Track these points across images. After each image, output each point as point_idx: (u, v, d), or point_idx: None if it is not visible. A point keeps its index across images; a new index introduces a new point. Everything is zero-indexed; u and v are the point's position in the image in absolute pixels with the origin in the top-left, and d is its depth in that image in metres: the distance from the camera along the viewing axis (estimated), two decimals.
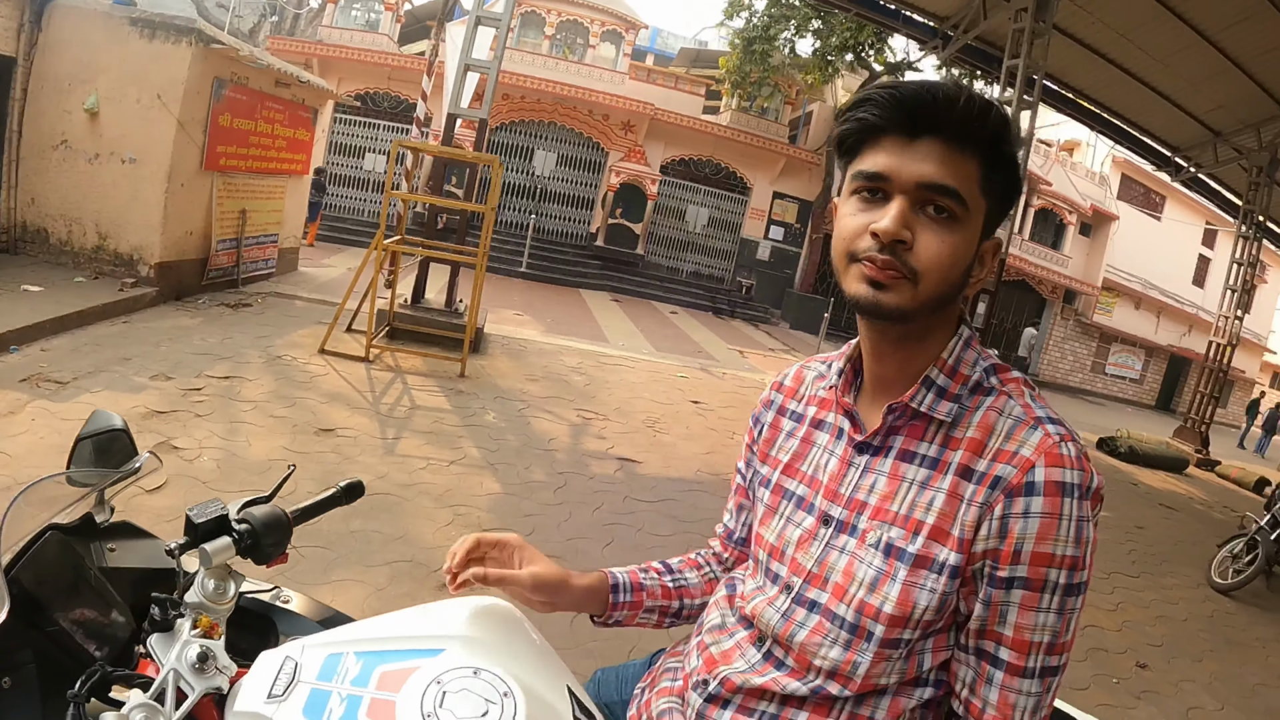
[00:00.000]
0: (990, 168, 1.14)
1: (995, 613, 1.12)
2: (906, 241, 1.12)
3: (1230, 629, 7.20)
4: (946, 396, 1.20)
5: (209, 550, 1.25)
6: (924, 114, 1.11)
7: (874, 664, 1.17)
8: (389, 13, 25.37)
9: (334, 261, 17.50)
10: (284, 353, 8.28)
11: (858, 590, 1.19)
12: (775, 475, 1.40)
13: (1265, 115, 17.37)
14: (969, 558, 1.13)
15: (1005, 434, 1.15)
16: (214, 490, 4.75)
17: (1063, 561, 1.09)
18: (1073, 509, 1.09)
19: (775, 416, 1.49)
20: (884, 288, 1.13)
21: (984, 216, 1.17)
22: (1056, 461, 1.10)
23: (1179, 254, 36.47)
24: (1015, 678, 1.12)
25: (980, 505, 1.12)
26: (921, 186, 1.11)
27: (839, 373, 1.35)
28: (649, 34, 37.56)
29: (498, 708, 1.14)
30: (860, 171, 1.16)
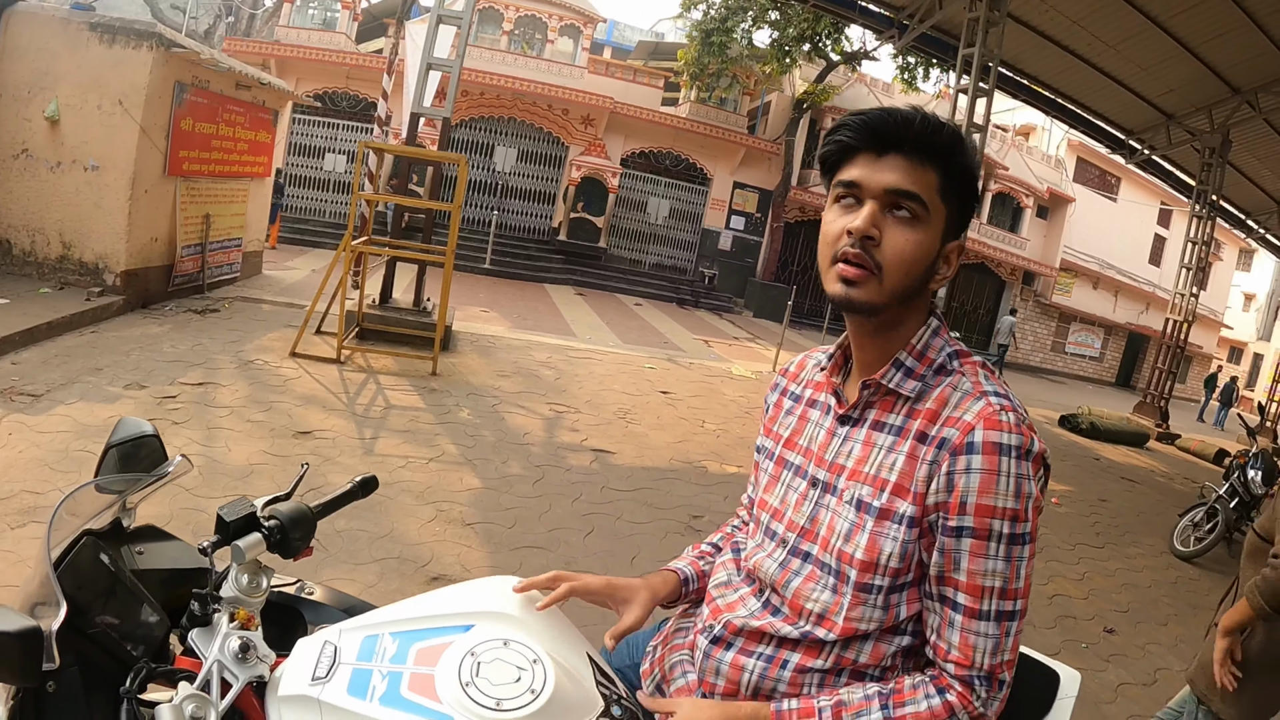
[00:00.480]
0: (947, 177, 1.36)
1: (949, 559, 1.31)
2: (875, 238, 1.33)
3: (1193, 594, 7.49)
4: (913, 376, 1.41)
5: (242, 546, 1.33)
6: (888, 134, 1.34)
7: (852, 606, 1.36)
8: (346, 11, 25.11)
9: (298, 264, 17.45)
10: (255, 357, 8.29)
11: (836, 540, 1.40)
12: (778, 449, 1.63)
13: (1216, 97, 17.70)
14: (924, 509, 1.32)
15: (954, 404, 1.35)
16: (198, 497, 4.78)
17: (1004, 513, 1.28)
18: (1011, 467, 1.27)
19: (779, 398, 1.72)
20: (854, 285, 1.35)
21: (945, 220, 1.38)
22: (995, 425, 1.29)
23: (1135, 234, 37.02)
24: (972, 620, 1.30)
25: (930, 463, 1.32)
26: (888, 192, 1.33)
27: (830, 357, 1.58)
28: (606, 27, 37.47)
29: (529, 674, 1.26)
30: (840, 181, 1.39)
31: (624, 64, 30.67)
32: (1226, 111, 17.93)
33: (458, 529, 5.20)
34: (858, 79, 28.51)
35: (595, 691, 1.34)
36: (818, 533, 1.44)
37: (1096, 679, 5.07)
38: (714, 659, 1.47)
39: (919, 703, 1.31)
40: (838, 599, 1.38)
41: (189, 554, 1.53)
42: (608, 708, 1.33)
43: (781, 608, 1.46)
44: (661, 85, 28.95)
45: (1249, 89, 17.13)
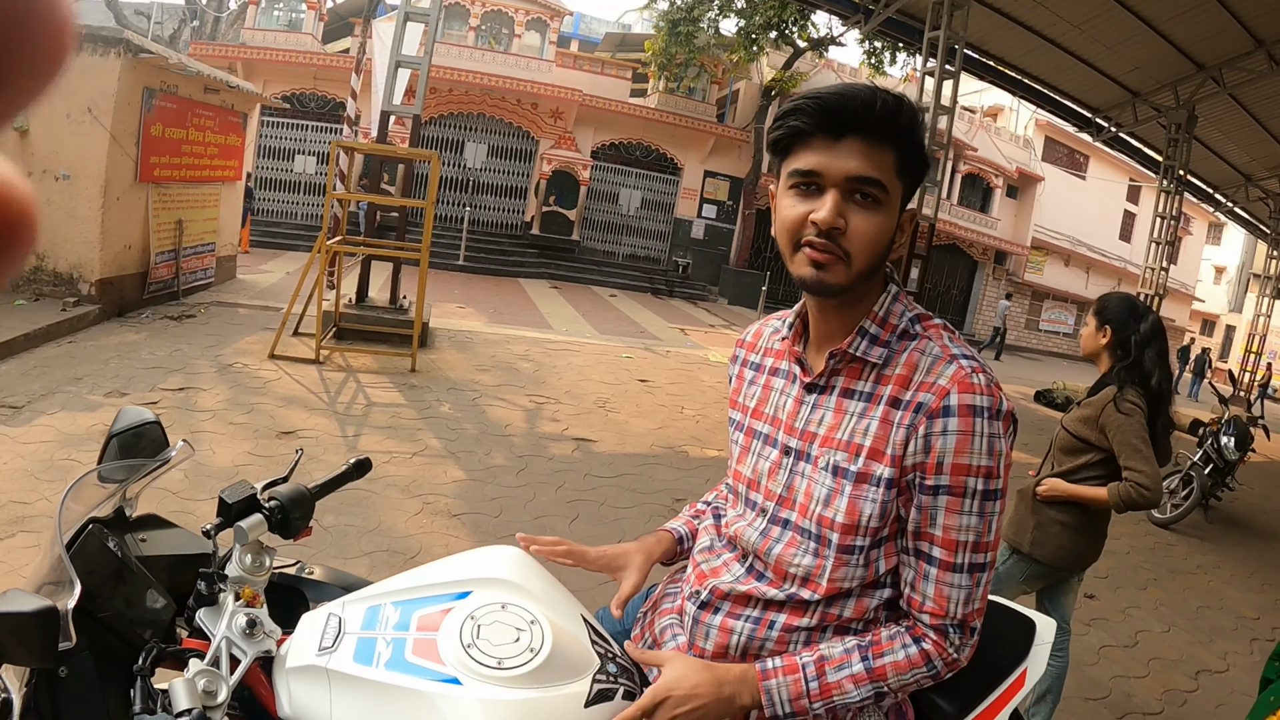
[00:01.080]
0: (904, 154, 1.36)
1: (926, 516, 1.37)
2: (841, 227, 1.34)
3: (1172, 559, 7.64)
4: (878, 343, 1.43)
5: (244, 527, 1.39)
6: (846, 118, 1.32)
7: (835, 568, 1.41)
8: (311, 11, 24.92)
9: (271, 267, 17.38)
10: (234, 360, 8.30)
11: (815, 506, 1.43)
12: (746, 419, 1.64)
13: (1181, 74, 17.81)
14: (901, 470, 1.36)
15: (926, 369, 1.37)
16: (186, 500, 4.82)
17: (978, 470, 1.33)
18: (984, 427, 1.32)
19: (740, 369, 1.74)
20: (824, 268, 1.36)
21: (901, 195, 1.39)
22: (968, 389, 1.33)
23: (1104, 211, 37.29)
24: (947, 572, 1.36)
25: (907, 427, 1.35)
26: (850, 179, 1.33)
27: (790, 326, 1.58)
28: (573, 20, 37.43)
29: (527, 634, 1.32)
30: (796, 169, 1.37)
31: (592, 56, 30.60)
32: (1192, 87, 18.06)
33: (444, 520, 5.25)
34: (825, 65, 28.50)
35: (591, 650, 1.41)
36: (795, 500, 1.47)
37: (1078, 643, 5.15)
38: (703, 623, 1.51)
39: (897, 652, 1.38)
40: (820, 562, 1.41)
41: (191, 540, 1.58)
42: (603, 665, 1.39)
43: (766, 572, 1.49)
44: (629, 77, 28.93)
45: (1213, 65, 17.26)
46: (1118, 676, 4.92)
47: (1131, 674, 5.02)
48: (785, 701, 1.39)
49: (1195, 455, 9.05)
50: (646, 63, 28.12)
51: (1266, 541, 9.33)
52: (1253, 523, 10.10)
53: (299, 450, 1.78)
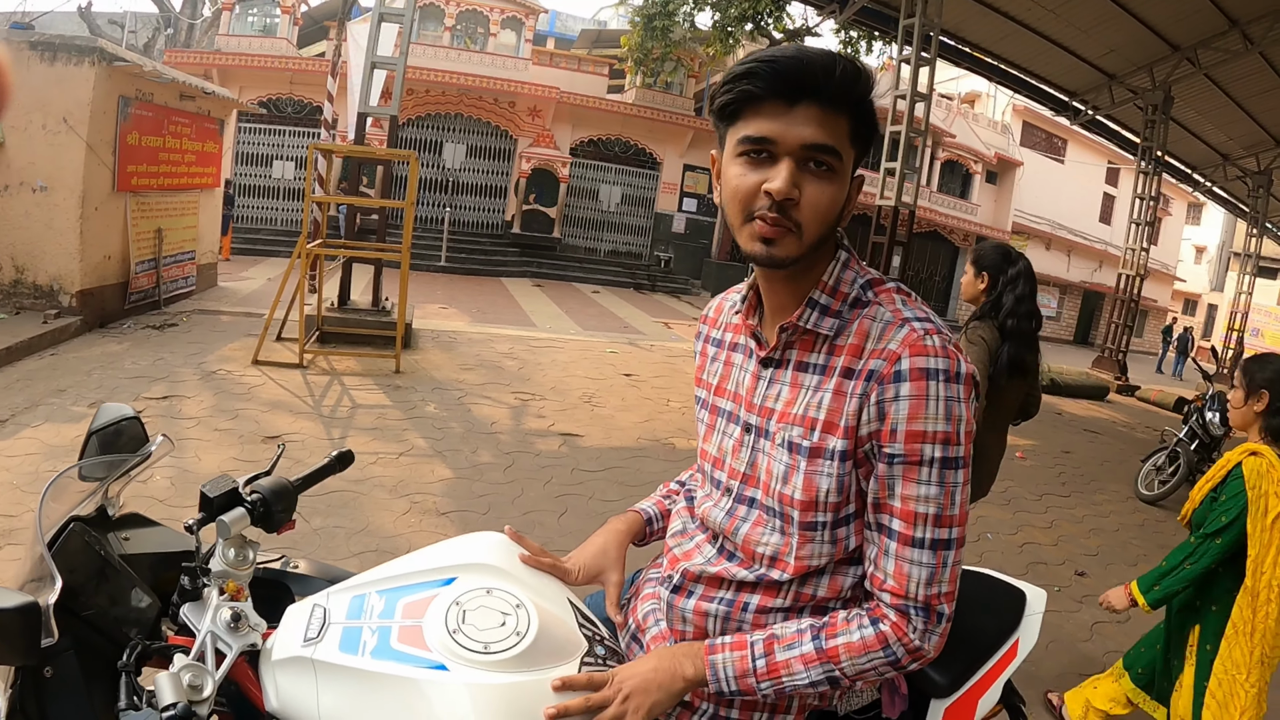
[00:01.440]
0: (857, 121, 1.31)
1: (884, 486, 1.32)
2: (795, 198, 1.27)
3: (1160, 534, 7.73)
4: (829, 313, 1.38)
5: (227, 521, 1.38)
6: (803, 83, 1.25)
7: (801, 545, 1.38)
8: (286, 16, 24.83)
9: (252, 273, 17.33)
10: (218, 367, 8.26)
11: (776, 484, 1.40)
12: (711, 397, 1.61)
13: (1157, 55, 17.93)
14: (857, 441, 1.32)
15: (878, 335, 1.32)
16: (172, 508, 4.79)
17: (935, 436, 1.27)
18: (939, 390, 1.26)
19: (703, 345, 1.70)
20: (774, 243, 1.30)
21: (853, 162, 1.34)
22: (920, 351, 1.27)
23: (1084, 194, 37.60)
24: (907, 548, 1.31)
25: (860, 396, 1.30)
26: (805, 147, 1.27)
27: (744, 299, 1.54)
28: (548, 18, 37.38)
29: (513, 618, 1.31)
30: (747, 136, 1.30)
31: (568, 54, 30.58)
32: (1167, 69, 18.19)
33: (433, 519, 5.24)
34: None
35: (578, 633, 1.40)
36: (758, 478, 1.44)
37: (1071, 620, 5.21)
38: (677, 607, 1.50)
39: (851, 634, 1.33)
40: (786, 540, 1.39)
41: (174, 538, 1.57)
42: (591, 647, 1.39)
43: (736, 553, 1.47)
44: (606, 73, 28.95)
45: (1188, 45, 17.38)
46: (1111, 652, 4.95)
47: (1124, 649, 5.02)
48: (730, 678, 1.36)
49: (1181, 431, 9.12)
50: (623, 58, 28.12)
51: None
52: None
53: (281, 444, 1.77)
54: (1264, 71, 17.87)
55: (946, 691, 1.63)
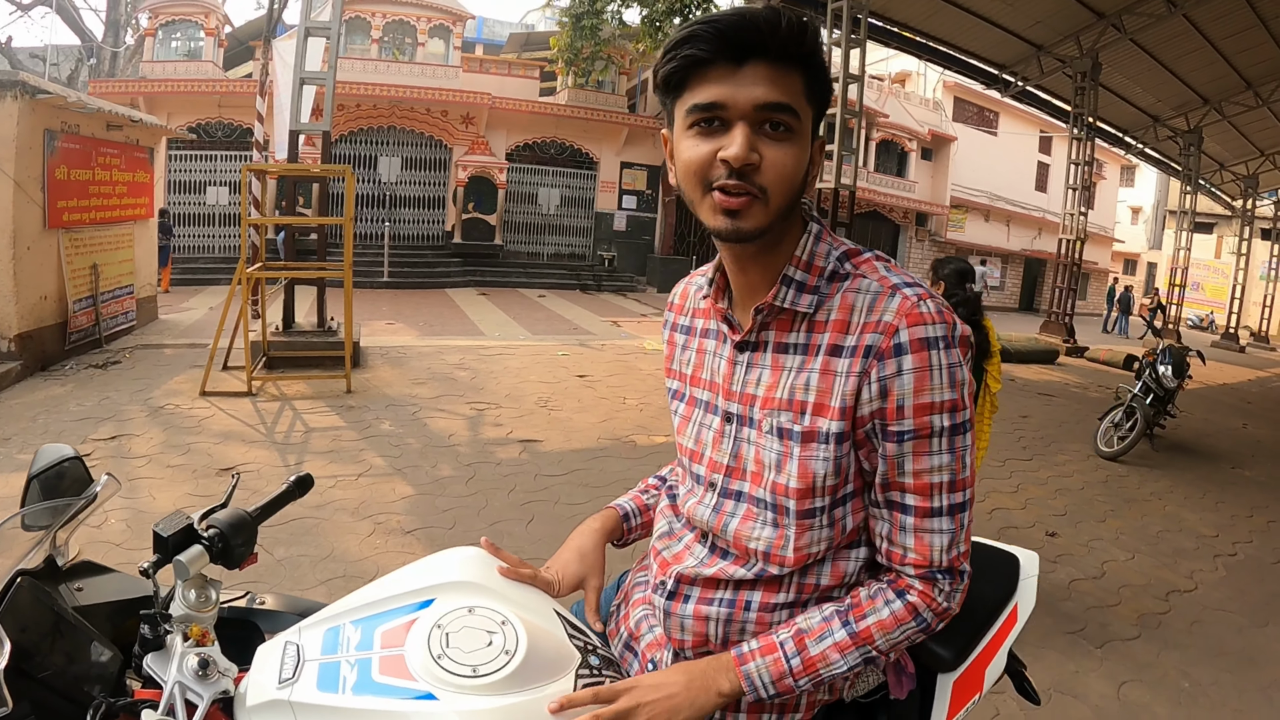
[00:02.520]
0: (810, 78, 1.23)
1: (893, 465, 1.26)
2: (755, 163, 1.19)
3: (1125, 489, 7.88)
4: (806, 290, 1.30)
5: (184, 560, 1.28)
6: (748, 41, 1.17)
7: (799, 536, 1.31)
8: (210, 38, 24.33)
9: (194, 303, 17.03)
10: (165, 402, 8.07)
11: (769, 474, 1.33)
12: (686, 388, 1.53)
13: (1082, 23, 18.25)
14: (857, 421, 1.26)
15: (867, 308, 1.25)
16: (130, 551, 4.65)
17: (943, 406, 1.22)
18: (941, 358, 1.21)
19: (670, 334, 1.62)
20: (739, 214, 1.21)
21: (812, 123, 1.26)
22: (918, 320, 1.21)
23: (1018, 164, 38.23)
24: (925, 519, 1.27)
25: (858, 375, 1.23)
26: (759, 108, 1.18)
27: (710, 282, 1.45)
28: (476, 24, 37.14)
29: (500, 636, 1.23)
30: (695, 105, 1.21)
31: (498, 59, 30.45)
32: (1094, 36, 18.51)
33: (398, 538, 5.15)
34: None
35: (570, 644, 1.32)
36: (745, 469, 1.37)
37: (1048, 580, 5.26)
38: (675, 615, 1.41)
39: (880, 611, 1.29)
40: (781, 532, 1.32)
41: (131, 584, 1.48)
42: (585, 659, 1.31)
43: (729, 550, 1.40)
44: (538, 76, 28.83)
45: (1113, 12, 17.70)
46: (1092, 608, 5.05)
47: (1104, 604, 5.14)
48: (768, 684, 1.30)
49: (1135, 387, 9.29)
50: (553, 60, 28.07)
51: (1213, 462, 9.67)
52: (1198, 446, 10.48)
53: (235, 474, 1.67)
54: (1189, 33, 18.23)
55: (952, 665, 1.59)
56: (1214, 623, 5.08)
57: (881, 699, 1.49)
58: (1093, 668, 4.31)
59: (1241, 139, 26.82)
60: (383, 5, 25.13)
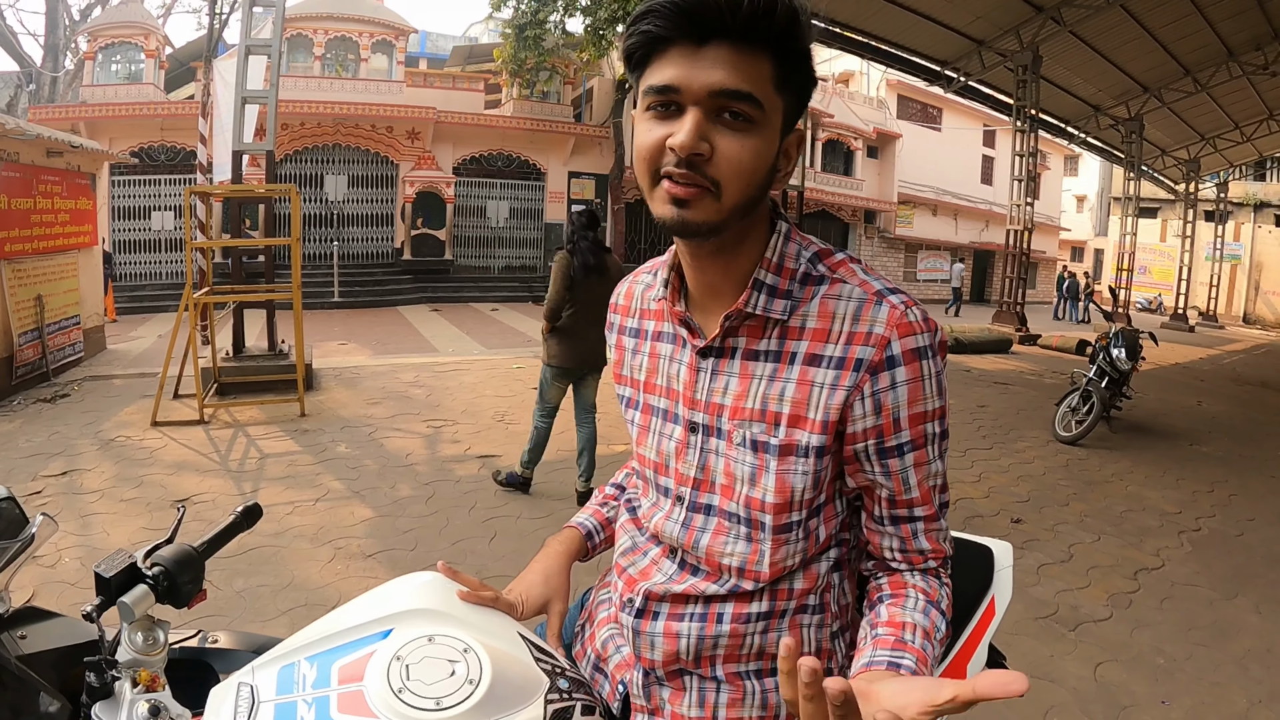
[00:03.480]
0: (783, 64, 1.12)
1: (899, 482, 1.22)
2: (705, 153, 1.10)
3: (1086, 472, 8.04)
4: (778, 294, 1.23)
5: (128, 602, 1.22)
6: (709, 18, 1.07)
7: (774, 550, 1.26)
8: (151, 60, 23.85)
9: (141, 332, 16.80)
10: (116, 434, 7.91)
11: (741, 488, 1.26)
12: (640, 395, 1.44)
13: (1022, 18, 18.55)
14: (846, 438, 1.20)
15: (852, 316, 1.18)
16: (85, 592, 4.53)
17: (934, 414, 1.21)
18: (930, 368, 1.18)
19: (618, 338, 1.53)
20: (687, 205, 1.13)
21: (782, 114, 1.16)
22: (908, 330, 1.16)
23: (964, 158, 38.89)
24: (933, 523, 1.27)
25: (847, 389, 1.17)
26: (714, 94, 1.09)
27: (665, 283, 1.36)
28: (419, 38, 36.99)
29: (463, 665, 1.16)
30: (650, 86, 1.13)
31: (441, 72, 30.31)
32: (1034, 29, 18.80)
33: (360, 562, 5.06)
34: None
35: (536, 669, 1.25)
36: (714, 481, 1.29)
37: (1016, 566, 5.23)
38: (645, 633, 1.35)
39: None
40: (755, 547, 1.26)
41: (79, 629, 1.41)
42: (553, 682, 1.25)
43: (700, 566, 1.33)
44: (482, 88, 28.78)
45: (1051, 6, 18.01)
46: (1062, 591, 5.13)
47: (1074, 586, 5.22)
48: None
49: (1090, 371, 9.46)
50: (498, 72, 28.01)
51: (1171, 440, 9.89)
52: (1154, 425, 10.70)
53: (180, 508, 1.60)
54: (1126, 23, 18.55)
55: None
56: (1184, 598, 5.17)
57: None
58: (1067, 651, 4.35)
59: (1182, 125, 27.34)
60: (324, 22, 24.94)
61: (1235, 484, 8.10)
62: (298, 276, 8.90)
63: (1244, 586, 5.46)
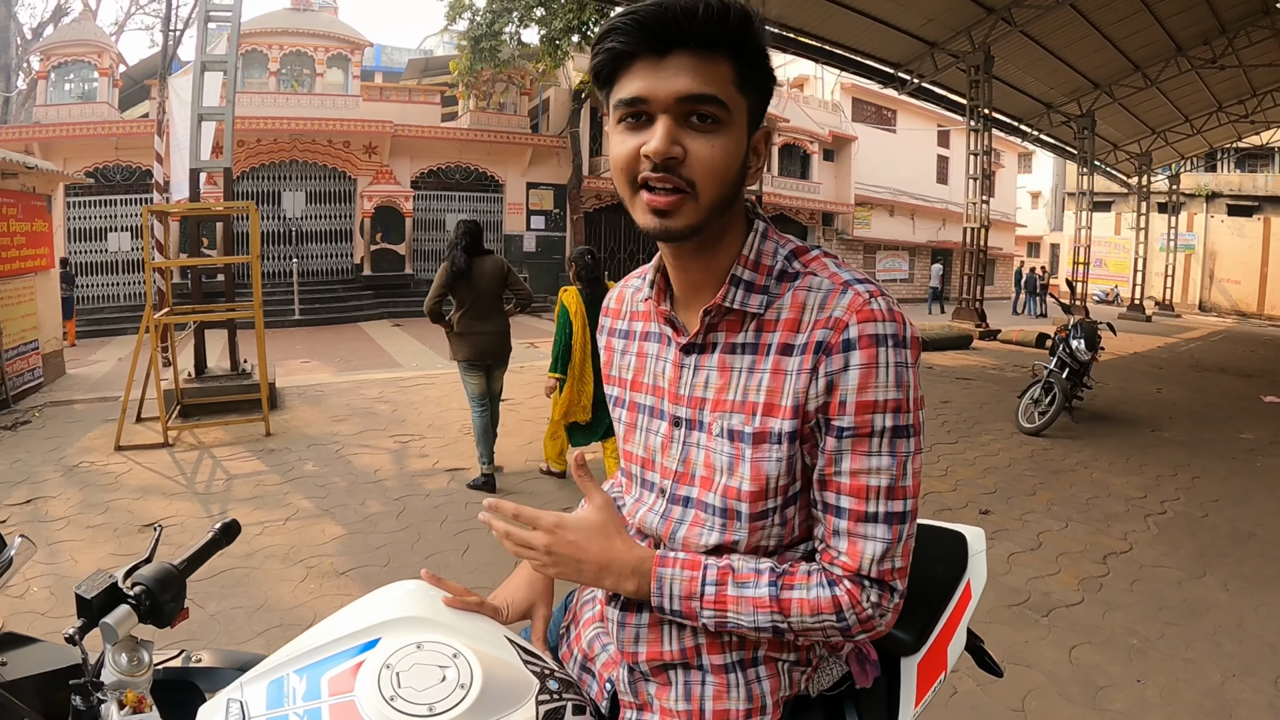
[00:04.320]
0: (743, 65, 1.19)
1: (830, 461, 1.22)
2: (678, 157, 1.16)
3: (1051, 462, 8.18)
4: (755, 290, 1.27)
5: (111, 623, 1.21)
6: (668, 31, 1.14)
7: (750, 538, 1.29)
8: (105, 78, 23.64)
9: (101, 355, 16.60)
10: (80, 460, 7.80)
11: (720, 478, 1.29)
12: (627, 394, 1.49)
13: (973, 19, 18.82)
14: (804, 418, 1.22)
15: (819, 305, 1.22)
16: (55, 620, 4.47)
17: (885, 405, 1.18)
18: (889, 356, 1.18)
19: (608, 339, 1.57)
20: (669, 214, 1.18)
21: (747, 112, 1.22)
22: (868, 316, 1.18)
23: (919, 159, 39.44)
24: (859, 523, 1.22)
25: (808, 371, 1.20)
26: (680, 100, 1.15)
27: (651, 284, 1.42)
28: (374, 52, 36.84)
29: (453, 670, 1.17)
30: (621, 100, 1.20)
31: (398, 86, 30.27)
32: (985, 30, 19.06)
33: (333, 580, 5.03)
34: None
35: (526, 671, 1.26)
36: (693, 474, 1.33)
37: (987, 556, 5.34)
38: (630, 625, 1.37)
39: (809, 589, 1.23)
40: (728, 537, 1.29)
41: (60, 653, 1.40)
42: (543, 684, 1.26)
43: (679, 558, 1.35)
44: (439, 101, 28.69)
45: (1002, 6, 18.29)
46: (1033, 579, 5.20)
47: (1044, 573, 5.29)
48: (676, 596, 1.27)
49: (1051, 363, 9.61)
50: (454, 84, 27.95)
51: (1132, 427, 10.08)
52: (1116, 413, 10.91)
53: (157, 527, 1.59)
54: (1076, 21, 18.84)
55: (914, 647, 1.60)
56: (1153, 579, 5.27)
57: (847, 690, 1.48)
58: (1041, 636, 4.42)
59: (1133, 119, 27.77)
60: (279, 37, 24.84)
61: (1197, 467, 8.26)
62: (259, 295, 8.82)
63: (1211, 565, 5.57)
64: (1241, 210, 41.32)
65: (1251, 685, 3.96)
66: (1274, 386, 14.94)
